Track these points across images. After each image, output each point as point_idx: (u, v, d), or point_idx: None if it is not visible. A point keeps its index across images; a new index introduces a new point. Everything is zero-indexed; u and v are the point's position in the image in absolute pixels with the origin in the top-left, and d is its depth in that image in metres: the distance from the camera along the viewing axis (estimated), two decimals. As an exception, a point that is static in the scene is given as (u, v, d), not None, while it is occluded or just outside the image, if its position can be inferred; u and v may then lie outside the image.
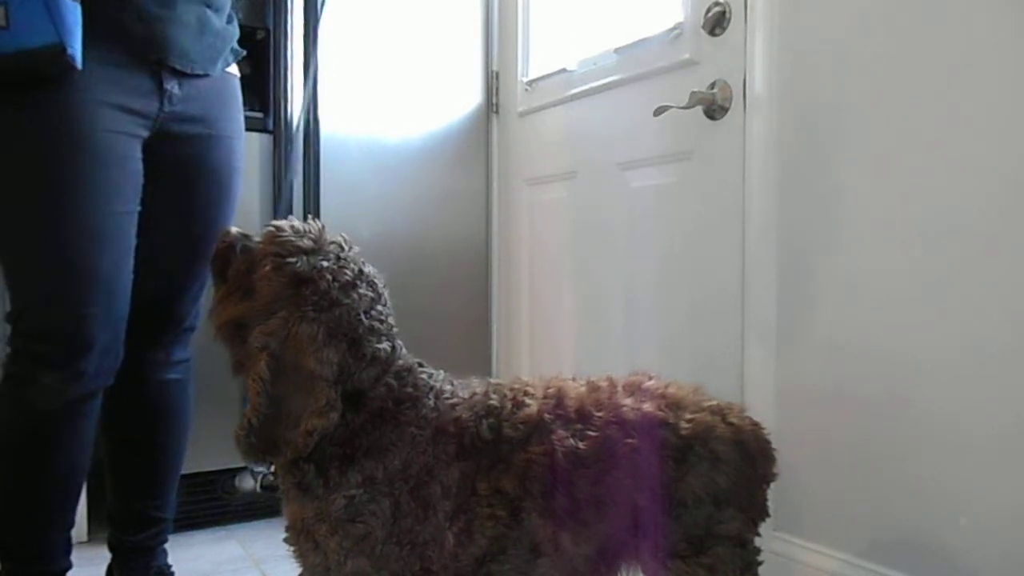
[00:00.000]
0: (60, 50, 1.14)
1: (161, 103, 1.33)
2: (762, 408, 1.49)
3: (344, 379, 0.95)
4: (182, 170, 1.40)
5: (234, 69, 1.50)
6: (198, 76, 1.37)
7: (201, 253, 1.33)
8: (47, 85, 1.19)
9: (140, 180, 1.33)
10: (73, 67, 1.17)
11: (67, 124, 1.22)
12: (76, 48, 1.16)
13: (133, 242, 1.32)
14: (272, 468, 1.02)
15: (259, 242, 1.01)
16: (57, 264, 1.24)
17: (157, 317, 1.44)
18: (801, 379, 1.53)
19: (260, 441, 0.94)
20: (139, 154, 1.32)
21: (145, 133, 1.33)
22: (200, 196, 1.43)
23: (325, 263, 0.97)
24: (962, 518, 1.27)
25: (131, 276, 1.32)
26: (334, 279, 0.96)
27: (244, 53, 1.51)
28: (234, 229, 1.06)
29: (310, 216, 1.19)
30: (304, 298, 0.94)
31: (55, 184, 1.22)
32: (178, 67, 1.33)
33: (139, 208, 1.33)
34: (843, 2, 1.45)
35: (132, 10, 1.27)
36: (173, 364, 1.49)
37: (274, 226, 1.00)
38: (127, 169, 1.30)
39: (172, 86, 1.34)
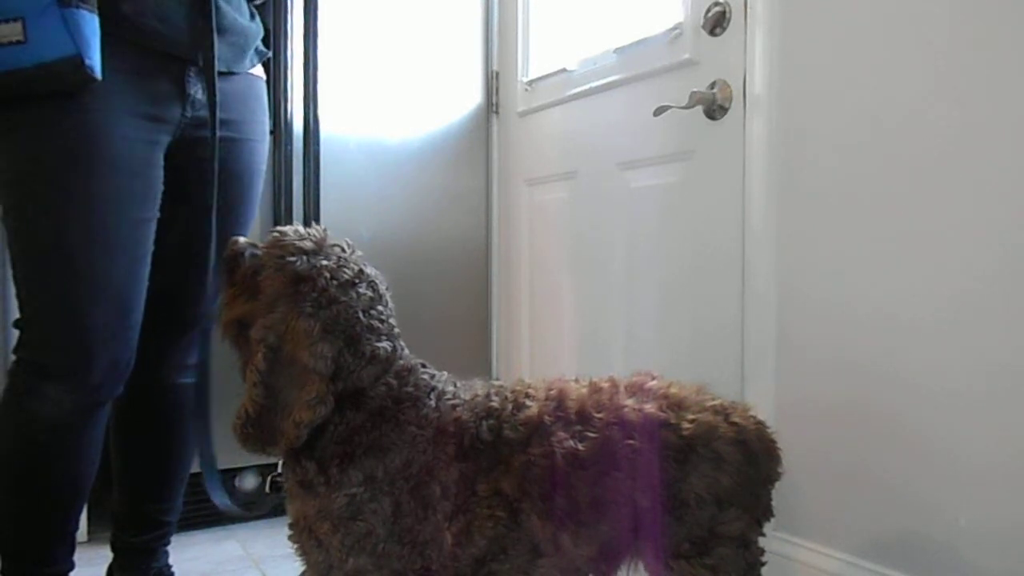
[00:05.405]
0: (79, 62, 1.13)
1: (184, 108, 1.32)
2: (761, 406, 1.49)
3: (343, 376, 0.97)
4: (205, 175, 1.37)
5: (259, 71, 1.49)
6: (223, 75, 1.34)
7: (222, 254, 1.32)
8: (67, 97, 1.18)
9: (160, 187, 1.31)
10: (92, 78, 1.15)
11: (85, 134, 1.20)
12: (94, 59, 1.15)
13: (150, 249, 1.31)
14: (280, 469, 1.03)
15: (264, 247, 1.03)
16: (66, 274, 1.22)
17: (176, 319, 1.43)
18: (801, 378, 1.53)
19: (257, 431, 0.96)
20: (160, 161, 1.30)
21: (167, 139, 1.31)
22: (222, 199, 1.40)
23: (325, 262, 0.99)
24: (962, 518, 1.27)
25: (145, 285, 1.30)
26: (333, 278, 0.98)
27: (269, 54, 1.49)
28: (241, 239, 1.08)
29: (313, 222, 1.21)
30: (303, 295, 0.96)
31: (70, 194, 1.21)
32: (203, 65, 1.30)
33: (159, 214, 1.31)
34: (843, 2, 1.45)
35: (152, 12, 1.25)
36: (190, 367, 1.48)
37: (278, 231, 1.03)
38: (147, 176, 1.28)
39: (195, 91, 1.32)
